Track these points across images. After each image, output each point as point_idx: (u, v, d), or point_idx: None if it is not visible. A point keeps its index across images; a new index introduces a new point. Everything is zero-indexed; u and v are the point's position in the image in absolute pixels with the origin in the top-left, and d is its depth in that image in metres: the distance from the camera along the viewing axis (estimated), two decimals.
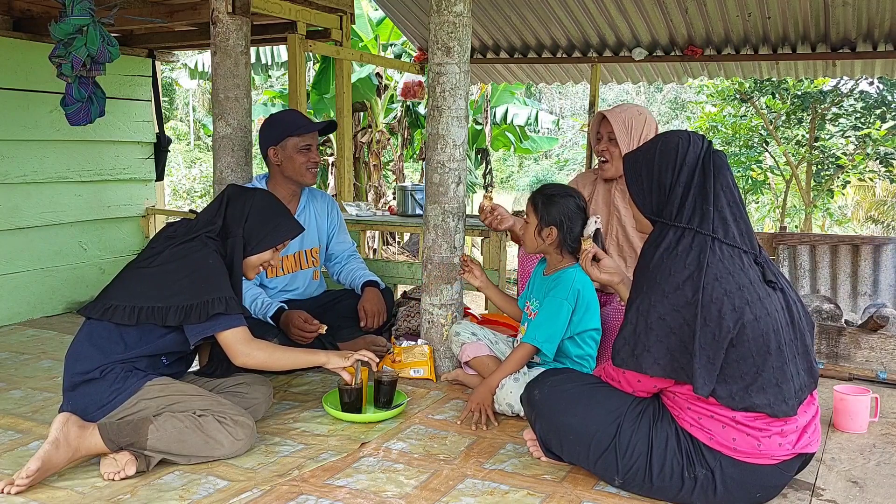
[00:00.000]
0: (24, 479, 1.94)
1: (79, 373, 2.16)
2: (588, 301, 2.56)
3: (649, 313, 1.88)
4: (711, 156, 1.98)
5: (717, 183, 1.95)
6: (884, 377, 3.04)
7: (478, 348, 2.83)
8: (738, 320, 1.81)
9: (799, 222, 11.87)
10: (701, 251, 1.87)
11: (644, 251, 2.01)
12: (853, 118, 10.73)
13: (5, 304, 4.05)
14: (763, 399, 1.83)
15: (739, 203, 1.96)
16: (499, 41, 5.70)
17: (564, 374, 2.21)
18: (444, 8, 2.86)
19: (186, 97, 21.68)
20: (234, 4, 3.18)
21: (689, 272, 1.85)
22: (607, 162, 2.90)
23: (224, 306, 2.18)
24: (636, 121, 2.83)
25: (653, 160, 2.02)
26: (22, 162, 4.17)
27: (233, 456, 2.21)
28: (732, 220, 1.93)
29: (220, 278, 2.23)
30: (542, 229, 2.55)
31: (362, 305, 3.21)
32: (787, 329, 1.89)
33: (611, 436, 1.97)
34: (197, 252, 2.25)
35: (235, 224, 2.37)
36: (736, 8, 4.69)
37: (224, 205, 2.39)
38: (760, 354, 1.83)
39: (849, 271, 4.54)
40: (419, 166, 11.91)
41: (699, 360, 1.82)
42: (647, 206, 2.04)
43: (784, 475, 1.92)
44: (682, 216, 1.94)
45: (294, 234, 2.50)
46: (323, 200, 3.38)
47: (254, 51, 9.73)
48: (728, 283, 1.83)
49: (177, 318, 2.15)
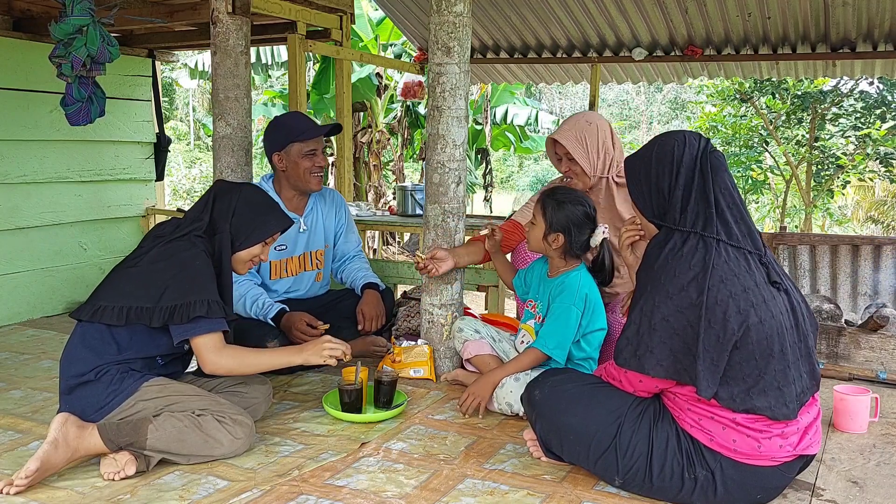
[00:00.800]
0: (24, 479, 1.94)
1: (74, 375, 2.16)
2: (594, 303, 2.56)
3: (653, 314, 1.87)
4: (709, 156, 1.97)
5: (716, 185, 1.94)
6: (884, 377, 3.04)
7: (480, 346, 2.83)
8: (742, 323, 1.81)
9: (799, 222, 11.87)
10: (706, 253, 1.87)
11: (648, 252, 2.01)
12: (853, 118, 10.74)
13: (5, 304, 4.05)
14: (764, 402, 1.82)
15: (740, 204, 1.96)
16: (499, 41, 5.70)
17: (565, 375, 2.21)
18: (444, 8, 2.86)
19: (186, 97, 21.69)
20: (234, 4, 3.18)
21: (693, 273, 1.85)
22: (573, 181, 2.84)
23: (206, 309, 2.15)
24: (587, 131, 2.79)
25: (650, 164, 2.02)
26: (22, 162, 4.17)
27: (232, 455, 2.21)
28: (734, 222, 1.92)
29: (205, 280, 2.21)
30: (549, 234, 2.55)
31: (360, 309, 3.20)
32: (792, 332, 1.89)
33: (611, 436, 1.97)
34: (185, 252, 2.22)
35: (222, 220, 2.34)
36: (736, 8, 4.69)
37: (211, 201, 2.37)
38: (764, 357, 1.82)
39: (849, 271, 4.54)
40: (419, 166, 11.91)
41: (703, 363, 1.81)
42: (648, 209, 2.04)
43: (785, 476, 1.92)
44: (686, 220, 1.93)
45: (283, 228, 2.47)
46: (332, 200, 3.36)
47: (254, 51, 9.73)
48: (733, 286, 1.83)
49: (161, 318, 2.14)
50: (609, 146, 2.80)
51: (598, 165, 2.80)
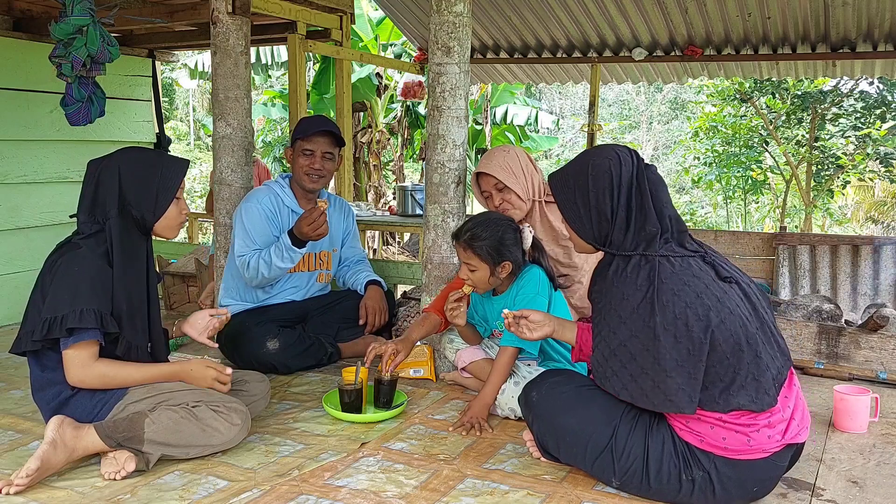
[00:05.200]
0: (24, 479, 1.94)
1: (51, 398, 2.14)
2: (555, 293, 2.59)
3: (611, 339, 1.90)
4: (645, 172, 1.96)
5: (657, 200, 1.94)
6: (884, 377, 3.04)
7: (473, 353, 2.82)
8: (706, 328, 1.81)
9: (799, 222, 11.88)
10: (651, 269, 1.87)
11: (595, 276, 2.03)
12: (853, 118, 10.74)
13: (5, 304, 4.06)
14: (744, 397, 1.83)
15: (676, 213, 1.98)
16: (499, 41, 5.70)
17: (563, 376, 2.20)
18: (444, 8, 2.86)
19: (186, 97, 21.69)
20: (234, 4, 3.18)
21: (642, 293, 1.85)
22: (510, 211, 2.82)
23: (77, 319, 2.02)
24: (509, 159, 2.81)
25: (586, 187, 1.97)
26: (22, 162, 4.17)
27: (231, 443, 2.20)
28: (678, 233, 1.94)
29: (81, 286, 2.06)
30: (496, 268, 2.52)
31: (364, 303, 3.21)
32: (752, 319, 1.89)
33: (607, 437, 1.97)
34: (66, 261, 2.11)
35: (109, 205, 2.15)
36: (736, 8, 4.70)
37: (94, 190, 2.18)
38: (734, 354, 1.83)
39: (849, 271, 4.54)
40: (419, 166, 11.91)
41: (679, 379, 1.81)
42: (588, 233, 2.01)
43: (777, 466, 1.92)
44: (628, 241, 1.93)
45: (183, 172, 2.25)
46: (341, 206, 3.40)
47: (254, 51, 9.73)
48: (686, 295, 1.83)
49: (41, 334, 2.04)
50: (532, 169, 2.86)
51: (530, 189, 2.84)
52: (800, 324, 3.32)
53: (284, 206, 3.13)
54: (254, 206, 3.06)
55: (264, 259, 2.97)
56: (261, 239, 3.03)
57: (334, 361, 3.21)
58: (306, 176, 3.09)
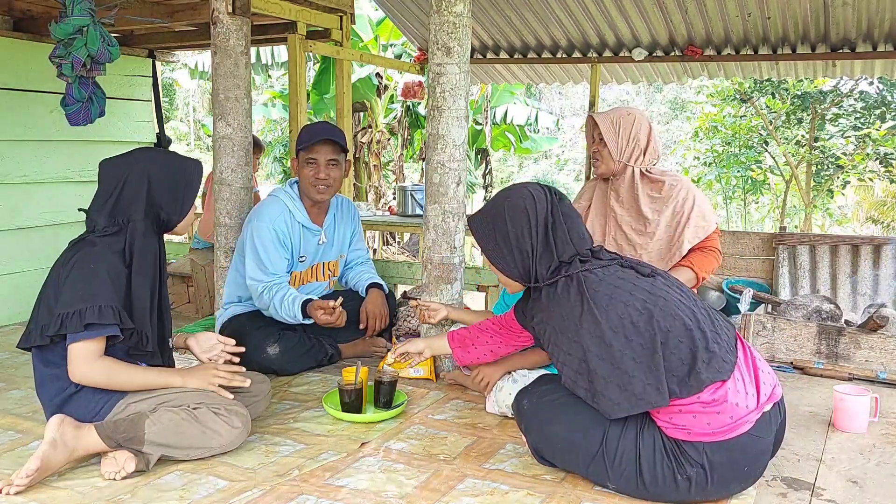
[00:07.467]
0: (24, 479, 1.94)
1: (55, 395, 2.14)
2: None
3: (571, 361, 1.96)
4: (559, 206, 2.08)
5: (573, 233, 2.06)
6: (884, 377, 3.04)
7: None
8: (650, 318, 1.88)
9: (799, 222, 11.88)
10: (578, 284, 1.96)
11: (532, 311, 2.10)
12: (853, 118, 10.75)
13: (5, 304, 4.05)
14: (711, 370, 1.86)
15: (588, 234, 2.12)
16: (499, 41, 5.70)
17: (554, 383, 2.17)
18: (444, 8, 2.86)
19: (186, 97, 21.68)
20: (234, 4, 3.18)
21: (580, 307, 1.93)
22: (598, 161, 2.94)
23: (97, 315, 2.03)
24: (624, 120, 2.87)
25: (506, 229, 2.09)
26: (22, 162, 4.17)
27: (231, 446, 2.20)
28: (589, 250, 2.06)
29: (98, 283, 2.07)
30: None
31: (365, 307, 3.20)
32: (686, 300, 1.97)
33: (598, 443, 1.97)
34: (81, 257, 2.11)
35: (135, 208, 2.17)
36: (736, 8, 4.69)
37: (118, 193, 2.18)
38: (685, 334, 1.88)
39: (849, 271, 4.54)
40: (419, 166, 11.91)
41: (641, 378, 1.86)
42: (514, 272, 2.11)
43: (762, 440, 1.94)
44: (551, 273, 2.03)
45: (203, 173, 2.35)
46: (347, 208, 3.36)
47: (254, 51, 9.73)
48: (620, 295, 1.92)
49: (55, 328, 2.04)
50: (641, 139, 2.88)
51: (626, 153, 2.88)
52: (800, 324, 3.32)
53: (296, 222, 3.08)
54: (266, 229, 2.99)
55: (274, 302, 2.96)
56: (273, 266, 3.00)
57: (335, 362, 3.21)
58: (313, 188, 3.04)
